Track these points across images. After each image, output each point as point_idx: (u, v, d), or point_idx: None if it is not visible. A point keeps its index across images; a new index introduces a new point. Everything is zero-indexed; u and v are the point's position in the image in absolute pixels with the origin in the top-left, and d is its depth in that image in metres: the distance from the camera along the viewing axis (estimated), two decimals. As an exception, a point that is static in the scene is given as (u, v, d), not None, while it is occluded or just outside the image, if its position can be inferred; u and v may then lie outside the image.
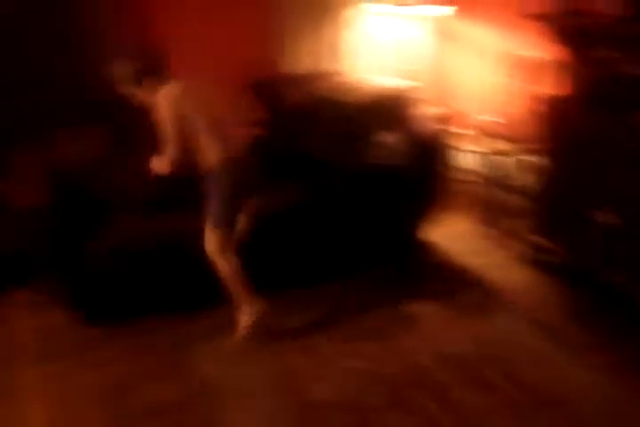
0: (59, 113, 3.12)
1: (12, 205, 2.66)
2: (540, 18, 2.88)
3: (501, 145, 3.60)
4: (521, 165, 3.49)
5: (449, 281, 3.19)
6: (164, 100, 2.58)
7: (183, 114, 2.59)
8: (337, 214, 3.11)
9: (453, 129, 3.72)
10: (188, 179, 2.75)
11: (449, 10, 3.65)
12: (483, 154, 3.67)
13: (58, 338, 2.80)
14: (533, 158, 3.26)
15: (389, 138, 3.25)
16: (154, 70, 2.64)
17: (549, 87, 3.13)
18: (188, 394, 2.45)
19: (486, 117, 3.60)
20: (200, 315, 2.88)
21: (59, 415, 2.37)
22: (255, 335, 2.70)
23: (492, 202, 3.67)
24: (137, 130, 2.97)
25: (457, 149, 3.80)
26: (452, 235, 3.59)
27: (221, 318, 2.81)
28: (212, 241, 2.66)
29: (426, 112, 3.70)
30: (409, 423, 2.27)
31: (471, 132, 3.77)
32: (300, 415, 2.34)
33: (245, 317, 2.70)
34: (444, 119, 3.67)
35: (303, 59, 3.81)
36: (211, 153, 2.64)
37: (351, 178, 3.13)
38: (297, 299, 3.01)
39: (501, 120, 3.61)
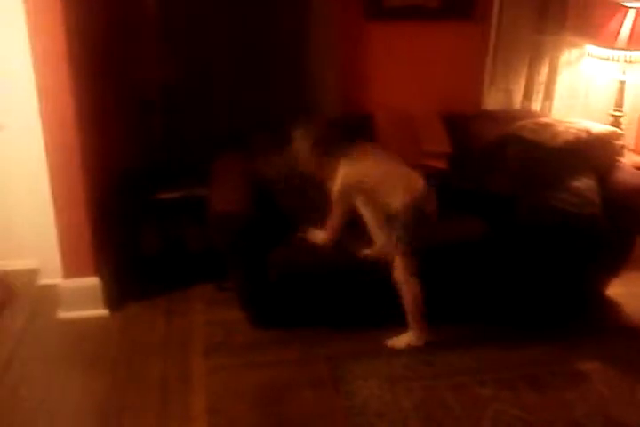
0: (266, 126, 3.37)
1: (211, 209, 2.89)
2: None
3: None
4: None
5: (627, 342, 2.97)
6: (340, 179, 2.80)
7: (358, 185, 2.82)
8: (515, 255, 3.01)
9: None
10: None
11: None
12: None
13: (228, 335, 2.99)
14: None
15: (586, 184, 3.11)
16: (331, 148, 2.84)
17: None
18: (335, 408, 2.52)
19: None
20: (367, 333, 2.94)
21: (215, 407, 2.54)
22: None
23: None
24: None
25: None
26: (637, 294, 3.34)
27: (385, 341, 2.88)
28: (400, 268, 2.77)
29: (629, 161, 3.51)
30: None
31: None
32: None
33: (408, 338, 2.86)
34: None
35: (513, 98, 3.79)
36: (395, 199, 2.77)
37: (536, 220, 3.03)
38: (456, 335, 2.98)
39: None
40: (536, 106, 3.80)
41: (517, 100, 3.80)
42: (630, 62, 3.52)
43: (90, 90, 3.03)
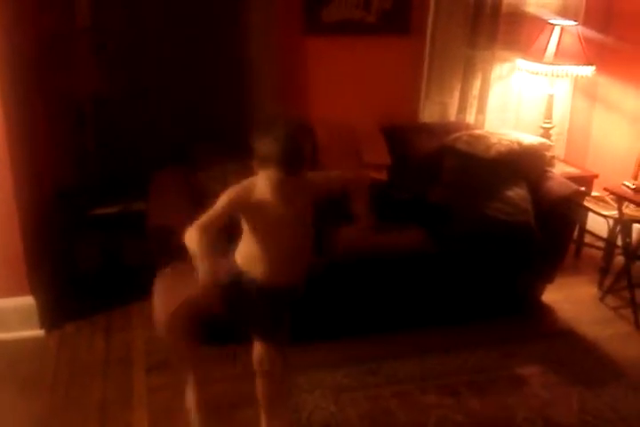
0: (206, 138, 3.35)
1: (149, 223, 2.84)
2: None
3: (635, 211, 3.44)
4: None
5: (562, 346, 3.05)
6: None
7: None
8: (452, 263, 3.07)
9: (586, 190, 3.62)
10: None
11: (589, 69, 3.61)
12: (613, 219, 3.51)
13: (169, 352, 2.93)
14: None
15: (518, 194, 3.20)
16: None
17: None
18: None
19: (623, 182, 3.46)
20: (310, 345, 2.88)
21: (159, 426, 2.48)
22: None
23: (618, 270, 3.48)
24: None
25: (588, 211, 3.68)
26: (572, 299, 3.46)
27: (329, 353, 2.88)
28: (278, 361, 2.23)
29: (559, 171, 3.63)
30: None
31: (605, 196, 3.64)
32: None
33: None
34: (578, 179, 3.58)
35: (448, 111, 3.87)
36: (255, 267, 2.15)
37: (471, 229, 3.10)
38: (398, 343, 3.00)
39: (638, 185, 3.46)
40: (470, 118, 3.89)
41: (452, 113, 3.89)
42: (557, 76, 3.66)
43: (21, 105, 2.95)
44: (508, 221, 3.11)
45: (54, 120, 3.34)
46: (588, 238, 3.89)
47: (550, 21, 3.66)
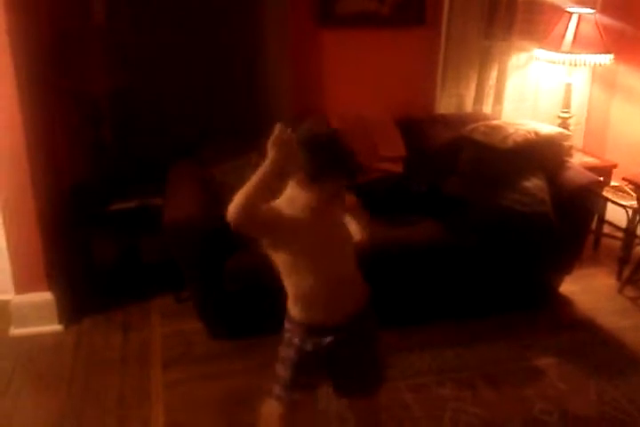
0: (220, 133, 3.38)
1: (166, 217, 2.85)
2: None
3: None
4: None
5: (581, 337, 3.03)
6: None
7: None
8: (469, 255, 3.04)
9: (605, 180, 3.57)
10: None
11: (607, 58, 3.55)
12: (633, 209, 3.46)
13: (187, 347, 2.95)
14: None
15: (536, 184, 3.16)
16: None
17: None
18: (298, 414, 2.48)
19: (641, 170, 3.41)
20: None
21: (176, 421, 2.49)
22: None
23: (637, 260, 3.43)
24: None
25: (606, 201, 3.63)
26: (590, 291, 3.43)
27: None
28: (269, 411, 2.03)
29: (577, 161, 3.59)
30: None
31: (624, 185, 3.58)
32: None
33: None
34: (597, 169, 3.53)
35: (465, 101, 3.84)
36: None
37: (488, 220, 3.08)
38: (415, 336, 3.00)
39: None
40: (487, 109, 3.86)
41: (469, 104, 3.85)
42: (575, 65, 3.61)
43: (38, 102, 2.97)
44: (525, 212, 3.08)
45: (71, 116, 3.36)
46: (606, 229, 3.85)
47: (568, 9, 3.61)
